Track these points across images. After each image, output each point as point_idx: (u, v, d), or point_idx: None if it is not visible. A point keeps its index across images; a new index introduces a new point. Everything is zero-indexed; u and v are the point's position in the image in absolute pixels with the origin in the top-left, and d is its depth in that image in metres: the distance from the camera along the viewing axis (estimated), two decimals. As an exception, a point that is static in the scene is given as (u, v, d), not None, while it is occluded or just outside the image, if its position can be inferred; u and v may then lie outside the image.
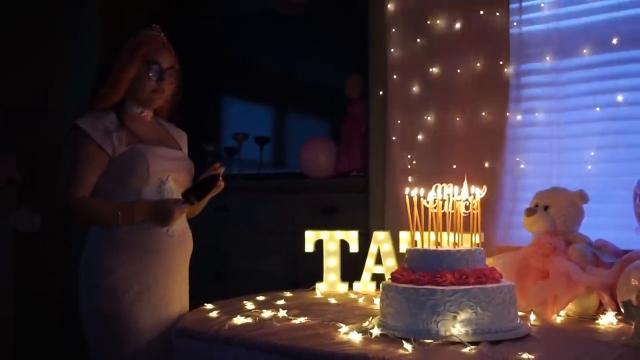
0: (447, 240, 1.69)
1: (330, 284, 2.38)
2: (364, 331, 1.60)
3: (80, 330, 2.00)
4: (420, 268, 1.61)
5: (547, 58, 2.38)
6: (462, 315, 1.50)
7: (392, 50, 2.73)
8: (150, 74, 2.02)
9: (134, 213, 1.94)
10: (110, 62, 2.04)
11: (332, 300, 2.16)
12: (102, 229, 1.98)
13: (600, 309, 1.86)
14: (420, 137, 2.65)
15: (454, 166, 2.51)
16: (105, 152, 1.95)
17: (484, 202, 1.71)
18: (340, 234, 2.41)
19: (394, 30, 2.73)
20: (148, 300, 1.95)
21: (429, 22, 2.64)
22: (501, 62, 2.45)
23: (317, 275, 2.41)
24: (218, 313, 1.90)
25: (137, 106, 2.07)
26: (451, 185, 1.70)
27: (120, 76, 2.01)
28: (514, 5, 2.45)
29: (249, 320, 1.79)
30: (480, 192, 1.69)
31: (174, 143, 2.17)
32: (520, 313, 1.67)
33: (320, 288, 2.38)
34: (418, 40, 2.67)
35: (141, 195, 1.98)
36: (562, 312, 1.88)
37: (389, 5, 2.74)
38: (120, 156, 1.97)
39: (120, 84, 2.01)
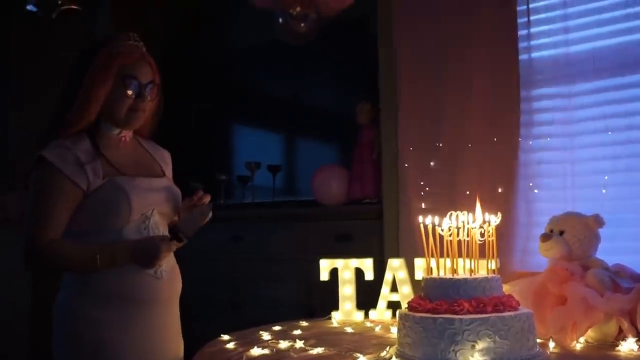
0: (463, 267, 1.68)
1: (346, 313, 2.37)
2: (382, 361, 1.59)
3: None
4: (437, 297, 1.60)
5: (558, 83, 2.39)
6: (480, 344, 1.49)
7: (402, 77, 2.76)
8: (128, 91, 1.77)
9: (114, 255, 1.72)
10: (78, 78, 1.76)
11: (349, 330, 2.15)
12: (79, 275, 1.76)
13: (620, 335, 1.84)
14: (432, 163, 2.66)
15: (467, 192, 2.51)
16: (79, 187, 1.71)
17: (498, 228, 1.71)
18: (355, 262, 2.40)
19: (403, 56, 2.76)
20: (140, 351, 1.78)
21: (439, 49, 2.66)
22: (511, 89, 2.46)
23: (332, 302, 2.40)
24: (235, 344, 1.89)
25: (113, 127, 1.82)
26: (465, 212, 1.70)
27: (91, 94, 1.73)
28: (522, 32, 2.46)
29: (266, 351, 1.78)
30: (495, 219, 1.69)
31: (157, 168, 1.94)
32: (539, 340, 1.65)
33: (336, 317, 2.37)
34: (428, 65, 2.69)
35: (122, 235, 1.75)
36: (582, 339, 1.85)
37: (399, 32, 2.77)
38: (95, 191, 1.73)
39: (91, 104, 1.74)
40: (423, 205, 2.62)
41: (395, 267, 2.36)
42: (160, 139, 2.07)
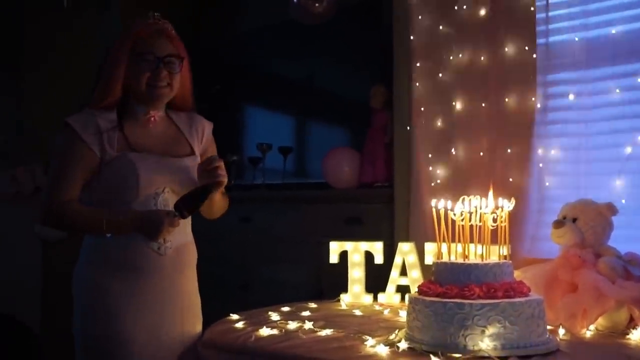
0: (475, 253, 1.67)
1: (355, 295, 2.38)
2: (391, 344, 1.59)
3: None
4: (447, 281, 1.60)
5: (575, 68, 2.35)
6: (490, 330, 1.48)
7: (417, 60, 2.73)
8: (144, 65, 1.81)
9: (119, 222, 1.78)
10: (104, 60, 1.87)
11: (357, 312, 2.15)
12: (92, 243, 1.85)
13: (631, 324, 1.83)
14: (446, 147, 2.63)
15: (480, 177, 2.49)
16: (94, 152, 1.79)
17: (511, 213, 1.70)
18: (365, 245, 2.40)
19: (419, 39, 2.72)
20: (143, 324, 1.81)
21: (453, 33, 2.62)
22: (528, 73, 2.42)
23: (341, 285, 2.41)
24: (244, 324, 1.90)
25: (141, 105, 1.88)
26: (478, 197, 1.69)
27: (108, 72, 1.83)
28: (540, 15, 2.42)
29: (275, 331, 1.79)
30: (508, 205, 1.68)
31: (185, 147, 1.96)
32: (549, 327, 1.65)
33: (345, 299, 2.37)
34: (442, 50, 2.66)
35: (131, 208, 1.81)
36: (592, 327, 1.85)
37: (413, 16, 2.73)
38: (109, 164, 1.80)
39: (111, 82, 1.83)
40: (435, 190, 2.60)
41: (405, 251, 2.36)
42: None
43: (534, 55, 2.40)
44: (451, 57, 2.62)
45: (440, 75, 2.66)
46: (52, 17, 3.77)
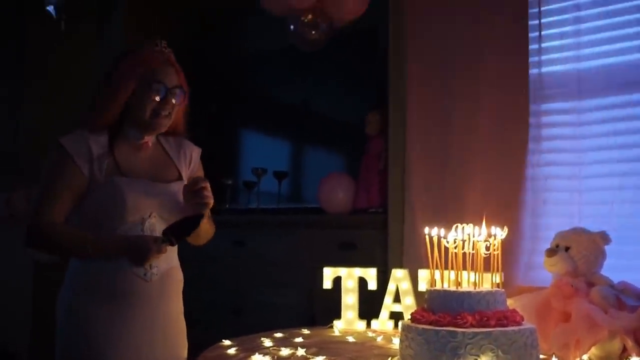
0: (467, 280, 1.68)
1: (348, 322, 2.36)
2: (383, 372, 1.58)
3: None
4: (440, 309, 1.59)
5: (567, 98, 2.39)
6: (483, 359, 1.48)
7: (412, 87, 2.75)
8: (153, 95, 1.81)
9: (105, 246, 1.76)
10: (105, 81, 1.83)
11: (350, 339, 2.14)
12: (77, 268, 1.83)
13: (624, 354, 1.82)
14: (439, 175, 2.65)
15: (474, 205, 2.50)
16: (84, 174, 1.78)
17: (504, 241, 1.70)
18: (358, 271, 2.40)
19: (414, 67, 2.76)
20: (127, 350, 1.79)
21: (449, 61, 2.66)
22: (521, 103, 2.45)
23: (334, 310, 2.40)
24: (236, 350, 1.89)
25: (137, 132, 1.86)
26: (471, 225, 1.70)
27: (112, 96, 1.80)
28: (533, 47, 2.46)
29: (267, 358, 1.77)
30: (501, 233, 1.69)
31: (172, 172, 1.95)
32: (542, 356, 1.64)
33: (338, 325, 2.36)
34: (438, 78, 2.69)
35: (118, 233, 1.80)
36: (585, 357, 1.84)
37: (409, 43, 2.77)
38: (97, 189, 1.79)
39: (113, 105, 1.81)
40: (428, 217, 2.61)
41: (399, 277, 2.35)
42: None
43: (528, 85, 2.44)
44: (446, 85, 2.65)
45: (436, 102, 2.68)
46: (51, 37, 3.79)
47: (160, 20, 3.79)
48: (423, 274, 2.31)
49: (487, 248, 1.67)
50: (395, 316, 2.33)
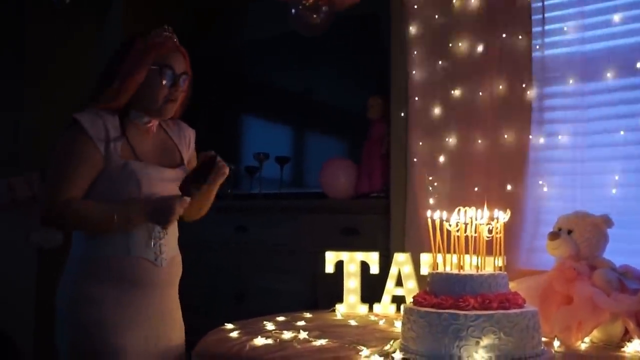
0: (470, 263, 1.68)
1: (350, 306, 2.37)
2: (386, 355, 1.59)
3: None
4: (442, 292, 1.60)
5: (571, 81, 2.37)
6: (485, 341, 1.48)
7: (414, 71, 2.74)
8: (164, 80, 1.82)
9: (129, 214, 1.76)
10: (118, 63, 1.83)
11: (353, 322, 2.15)
12: (81, 255, 1.82)
13: (626, 336, 1.83)
14: (441, 159, 2.65)
15: (476, 188, 2.50)
16: (101, 154, 1.77)
17: (506, 225, 1.70)
18: (360, 255, 2.40)
19: (415, 52, 2.74)
20: (135, 332, 1.80)
21: (450, 45, 2.64)
22: (524, 85, 2.44)
23: (336, 295, 2.40)
24: (239, 333, 1.90)
25: (144, 116, 1.87)
26: (474, 208, 1.69)
27: (127, 81, 1.80)
28: (536, 29, 2.44)
29: (269, 341, 1.79)
30: (503, 216, 1.68)
31: (176, 156, 1.98)
32: (543, 339, 1.65)
33: (340, 309, 2.37)
34: (440, 62, 2.67)
35: None
36: (587, 339, 1.85)
37: (410, 27, 2.75)
38: (112, 171, 1.79)
39: (126, 90, 1.80)
40: (431, 201, 2.61)
41: (401, 261, 2.36)
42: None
43: (531, 68, 2.42)
44: (448, 67, 2.63)
45: (437, 86, 2.67)
46: (53, 24, 3.78)
47: (160, 6, 3.77)
48: (425, 258, 2.31)
49: (490, 231, 1.67)
50: (398, 300, 2.34)
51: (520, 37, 2.45)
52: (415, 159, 2.71)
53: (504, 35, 2.48)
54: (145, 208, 1.79)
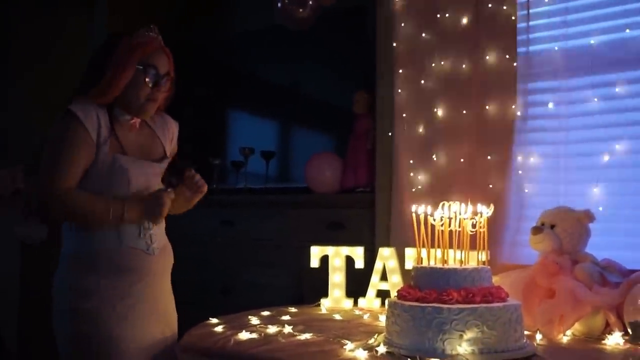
0: (454, 258, 1.69)
1: (335, 300, 2.38)
2: (370, 349, 1.60)
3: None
4: (426, 286, 1.61)
5: (554, 77, 2.39)
6: (468, 334, 1.49)
7: (400, 69, 2.74)
8: (147, 79, 1.85)
9: (123, 209, 1.81)
10: (105, 58, 1.85)
11: (337, 317, 2.16)
12: (74, 251, 1.86)
13: (607, 329, 1.86)
14: (426, 154, 2.65)
15: (460, 183, 2.51)
16: (94, 144, 1.81)
17: (489, 219, 1.72)
18: (346, 250, 2.41)
19: (401, 47, 2.74)
20: (132, 321, 1.85)
21: (436, 40, 2.64)
22: (508, 81, 2.45)
23: (322, 290, 2.41)
24: (223, 328, 1.90)
25: (126, 114, 1.90)
26: (458, 203, 1.71)
27: (115, 79, 1.82)
28: (521, 25, 2.46)
29: (254, 335, 1.79)
30: (487, 211, 1.70)
31: (159, 149, 2.01)
32: (526, 332, 1.66)
33: (325, 304, 2.38)
34: (426, 55, 2.68)
35: None
36: (569, 332, 1.87)
37: (396, 22, 2.75)
38: (100, 165, 1.83)
39: (117, 85, 1.83)
40: (415, 196, 2.62)
41: (386, 256, 2.37)
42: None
43: (515, 64, 2.44)
44: (433, 65, 2.64)
45: (423, 82, 2.68)
46: (39, 20, 3.75)
47: (146, 0, 3.74)
48: (410, 252, 2.32)
49: (473, 226, 1.68)
50: (382, 294, 2.35)
51: (505, 33, 2.45)
52: (400, 154, 2.72)
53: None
54: (138, 203, 1.85)
